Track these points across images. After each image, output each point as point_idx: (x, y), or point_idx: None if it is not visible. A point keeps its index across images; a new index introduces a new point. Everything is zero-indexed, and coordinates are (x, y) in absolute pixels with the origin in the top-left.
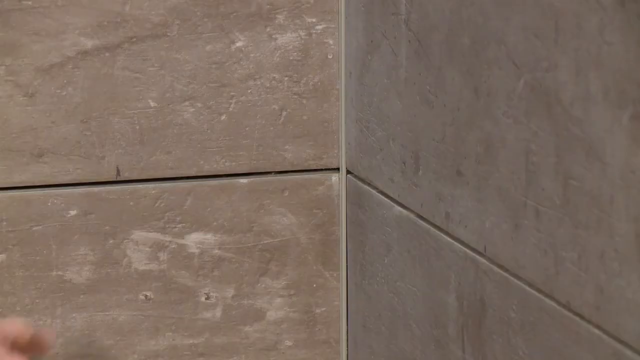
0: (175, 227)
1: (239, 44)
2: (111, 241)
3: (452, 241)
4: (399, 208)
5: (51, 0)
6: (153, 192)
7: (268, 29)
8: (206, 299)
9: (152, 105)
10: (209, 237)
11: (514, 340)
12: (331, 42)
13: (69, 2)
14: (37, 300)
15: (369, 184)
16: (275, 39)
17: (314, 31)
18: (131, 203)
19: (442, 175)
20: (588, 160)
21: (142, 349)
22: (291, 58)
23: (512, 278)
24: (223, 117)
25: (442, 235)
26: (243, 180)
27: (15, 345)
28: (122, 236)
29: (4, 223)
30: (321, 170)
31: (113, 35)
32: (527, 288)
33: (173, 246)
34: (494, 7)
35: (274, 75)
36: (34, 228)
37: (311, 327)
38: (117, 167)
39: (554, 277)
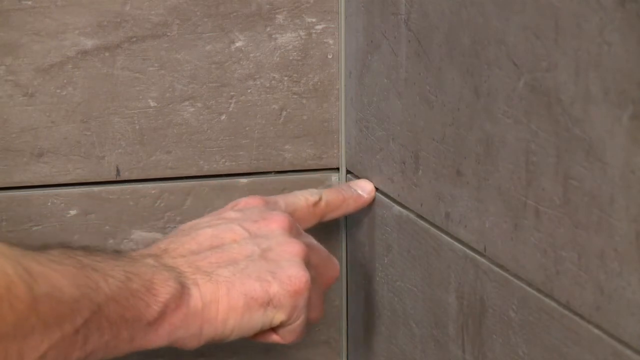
0: (175, 227)
1: (238, 43)
2: (111, 241)
3: (452, 241)
4: (399, 208)
5: (51, 0)
6: (153, 192)
7: (268, 29)
8: None
9: (152, 105)
10: None
11: (514, 340)
12: (331, 42)
13: (69, 2)
14: None
15: None
16: (275, 38)
17: (314, 31)
18: (131, 203)
19: (442, 175)
20: (588, 160)
21: None
22: (291, 58)
23: (512, 278)
24: (223, 117)
25: (442, 235)
26: (243, 180)
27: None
28: (122, 236)
29: (4, 223)
30: (321, 170)
31: (113, 35)
32: (527, 288)
33: None
34: (494, 7)
35: (274, 75)
36: (34, 228)
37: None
38: (117, 167)
39: (554, 277)
